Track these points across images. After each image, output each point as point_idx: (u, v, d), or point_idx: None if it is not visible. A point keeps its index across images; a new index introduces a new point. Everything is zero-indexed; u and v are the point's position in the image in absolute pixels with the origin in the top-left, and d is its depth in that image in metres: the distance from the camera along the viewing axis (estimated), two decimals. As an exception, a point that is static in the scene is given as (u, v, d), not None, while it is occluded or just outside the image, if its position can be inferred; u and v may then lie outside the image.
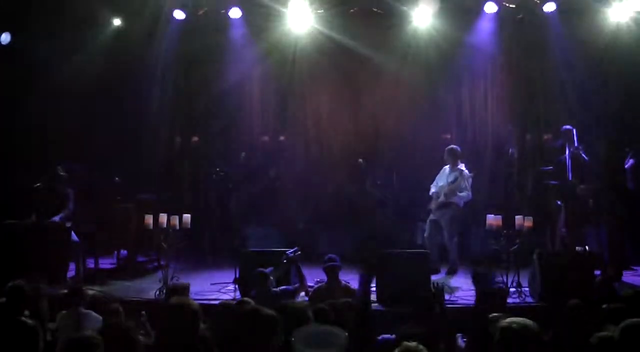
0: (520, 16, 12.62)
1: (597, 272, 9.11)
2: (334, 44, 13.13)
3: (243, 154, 12.20)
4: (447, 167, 10.88)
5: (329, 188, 12.73)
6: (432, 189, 10.90)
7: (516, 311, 7.14)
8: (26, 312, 6.21)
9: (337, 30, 12.95)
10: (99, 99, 13.16)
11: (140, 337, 4.60)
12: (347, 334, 3.22)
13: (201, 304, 6.27)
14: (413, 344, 3.85)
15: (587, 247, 10.34)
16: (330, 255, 8.02)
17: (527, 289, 8.95)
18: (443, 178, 10.78)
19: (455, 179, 10.59)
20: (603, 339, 4.36)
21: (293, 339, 2.99)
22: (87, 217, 11.25)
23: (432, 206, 10.77)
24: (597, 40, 12.42)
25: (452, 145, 11.10)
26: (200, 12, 12.87)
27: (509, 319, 3.64)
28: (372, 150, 13.20)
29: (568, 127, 11.31)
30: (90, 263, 10.41)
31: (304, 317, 4.38)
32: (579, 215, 11.42)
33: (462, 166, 10.75)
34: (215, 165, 12.99)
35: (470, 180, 10.60)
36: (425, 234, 10.81)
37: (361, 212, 12.26)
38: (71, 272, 10.18)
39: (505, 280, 8.67)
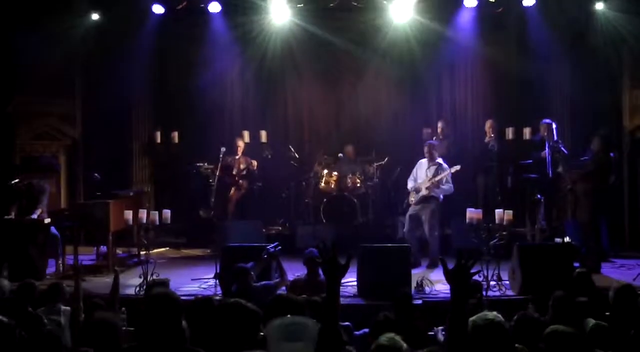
0: (500, 10, 12.64)
1: (577, 264, 9.18)
2: (315, 38, 13.13)
3: (223, 148, 12.14)
4: (423, 161, 10.90)
5: (309, 182, 12.70)
6: (410, 184, 10.93)
7: (496, 304, 7.17)
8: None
9: (318, 25, 12.93)
10: (78, 93, 13.11)
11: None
12: (319, 325, 3.16)
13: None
14: (387, 338, 3.80)
15: (566, 240, 10.43)
16: (310, 249, 8.00)
17: (507, 282, 8.99)
18: (422, 172, 10.80)
19: (437, 173, 10.63)
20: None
21: (266, 331, 2.93)
22: (67, 213, 11.20)
23: (412, 200, 10.79)
24: (576, 33, 12.54)
25: (431, 141, 11.16)
26: (180, 7, 12.79)
27: (479, 314, 3.63)
28: (353, 144, 13.17)
29: (547, 121, 11.40)
30: (70, 259, 10.33)
31: (301, 311, 4.36)
32: (559, 208, 11.55)
33: (440, 160, 10.80)
34: (195, 160, 12.96)
35: (450, 173, 10.66)
36: (405, 229, 10.83)
37: (341, 206, 12.24)
38: (51, 268, 10.15)
39: (485, 273, 8.69)
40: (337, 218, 12.08)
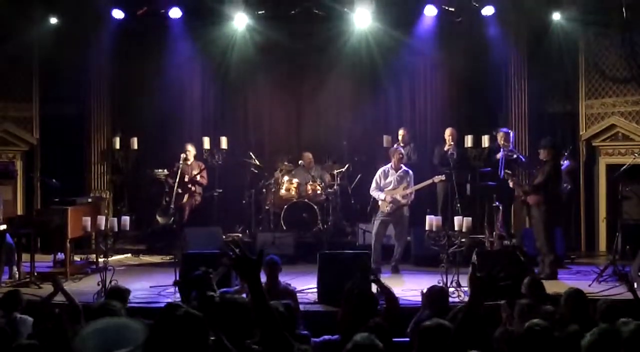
0: (459, 19, 12.77)
1: (537, 270, 9.33)
2: (275, 45, 13.14)
3: (183, 155, 12.09)
4: (387, 169, 10.93)
5: (270, 189, 12.67)
6: (377, 192, 10.90)
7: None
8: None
9: (279, 32, 12.94)
10: (35, 98, 12.97)
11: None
12: (144, 327, 2.77)
13: (140, 307, 6.18)
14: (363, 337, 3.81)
15: (522, 247, 10.59)
16: (270, 256, 7.99)
17: (466, 289, 9.05)
18: (389, 180, 10.83)
19: (407, 178, 10.75)
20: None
21: (78, 338, 2.61)
22: (24, 219, 11.03)
23: (387, 209, 10.75)
24: (534, 43, 12.76)
25: (399, 147, 11.22)
26: (140, 12, 12.69)
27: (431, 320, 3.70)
28: (312, 151, 13.17)
29: (505, 129, 11.57)
30: (26, 266, 10.16)
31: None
32: (516, 215, 11.68)
33: (404, 166, 10.92)
34: (154, 166, 12.86)
35: (412, 182, 10.84)
36: (374, 234, 10.78)
37: (302, 213, 12.23)
38: (5, 276, 9.99)
39: (444, 280, 8.75)
40: (297, 225, 12.08)
